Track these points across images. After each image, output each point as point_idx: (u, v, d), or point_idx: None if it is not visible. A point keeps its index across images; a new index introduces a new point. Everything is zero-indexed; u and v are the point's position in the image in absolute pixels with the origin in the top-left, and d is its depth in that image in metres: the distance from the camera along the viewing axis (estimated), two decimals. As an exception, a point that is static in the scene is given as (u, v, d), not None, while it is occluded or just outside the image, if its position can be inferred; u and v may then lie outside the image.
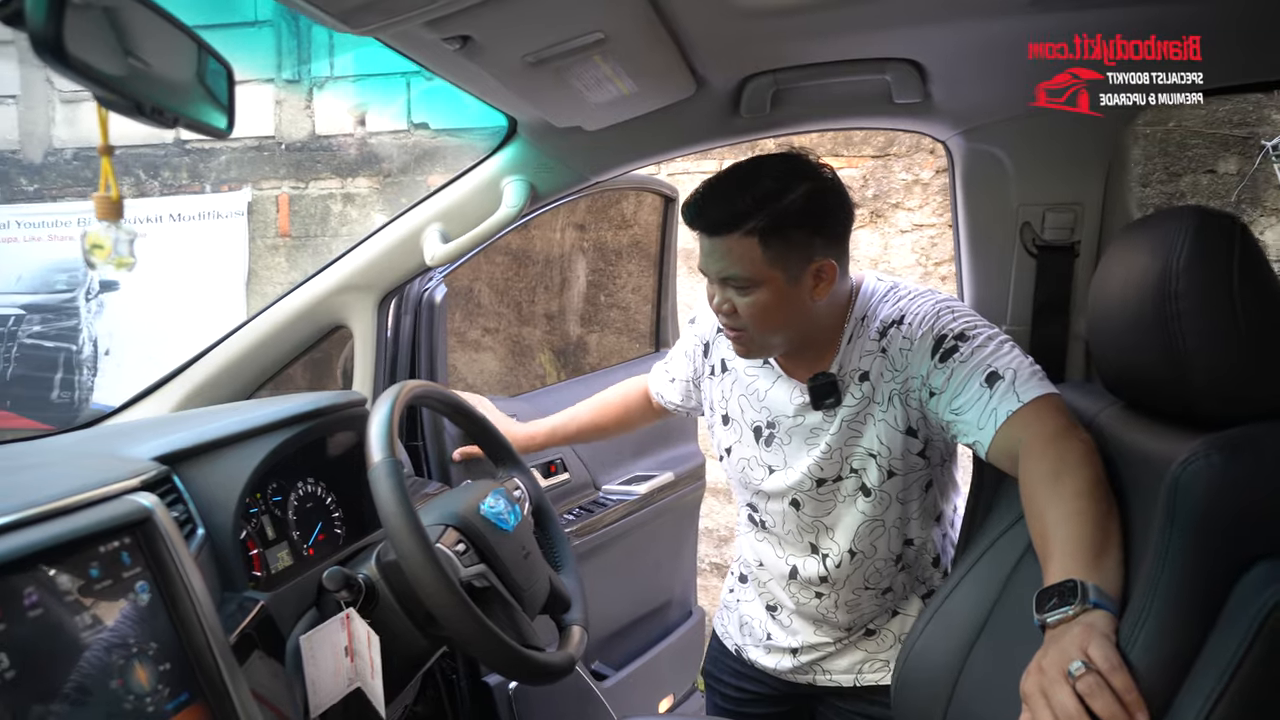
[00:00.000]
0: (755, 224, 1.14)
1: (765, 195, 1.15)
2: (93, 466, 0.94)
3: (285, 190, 4.00)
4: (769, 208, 1.14)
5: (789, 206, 1.15)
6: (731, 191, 1.17)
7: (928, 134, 1.42)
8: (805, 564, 1.34)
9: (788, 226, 1.15)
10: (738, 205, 1.15)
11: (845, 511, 1.29)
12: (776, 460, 1.32)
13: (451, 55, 1.01)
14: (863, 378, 1.24)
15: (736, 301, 1.19)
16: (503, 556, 1.06)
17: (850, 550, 1.30)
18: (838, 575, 1.32)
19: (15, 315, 4.29)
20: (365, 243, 1.55)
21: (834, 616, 1.36)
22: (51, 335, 4.26)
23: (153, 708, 0.79)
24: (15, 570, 0.73)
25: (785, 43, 1.18)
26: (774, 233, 1.15)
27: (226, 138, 0.82)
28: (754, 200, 1.15)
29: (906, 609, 1.38)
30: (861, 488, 1.27)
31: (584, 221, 3.62)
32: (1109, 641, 0.77)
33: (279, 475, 1.18)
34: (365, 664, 1.01)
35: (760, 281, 1.17)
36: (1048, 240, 1.33)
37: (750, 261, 1.16)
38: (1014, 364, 1.12)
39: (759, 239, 1.14)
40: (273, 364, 1.59)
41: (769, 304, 1.18)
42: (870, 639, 1.38)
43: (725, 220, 1.16)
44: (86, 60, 0.60)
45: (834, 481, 1.28)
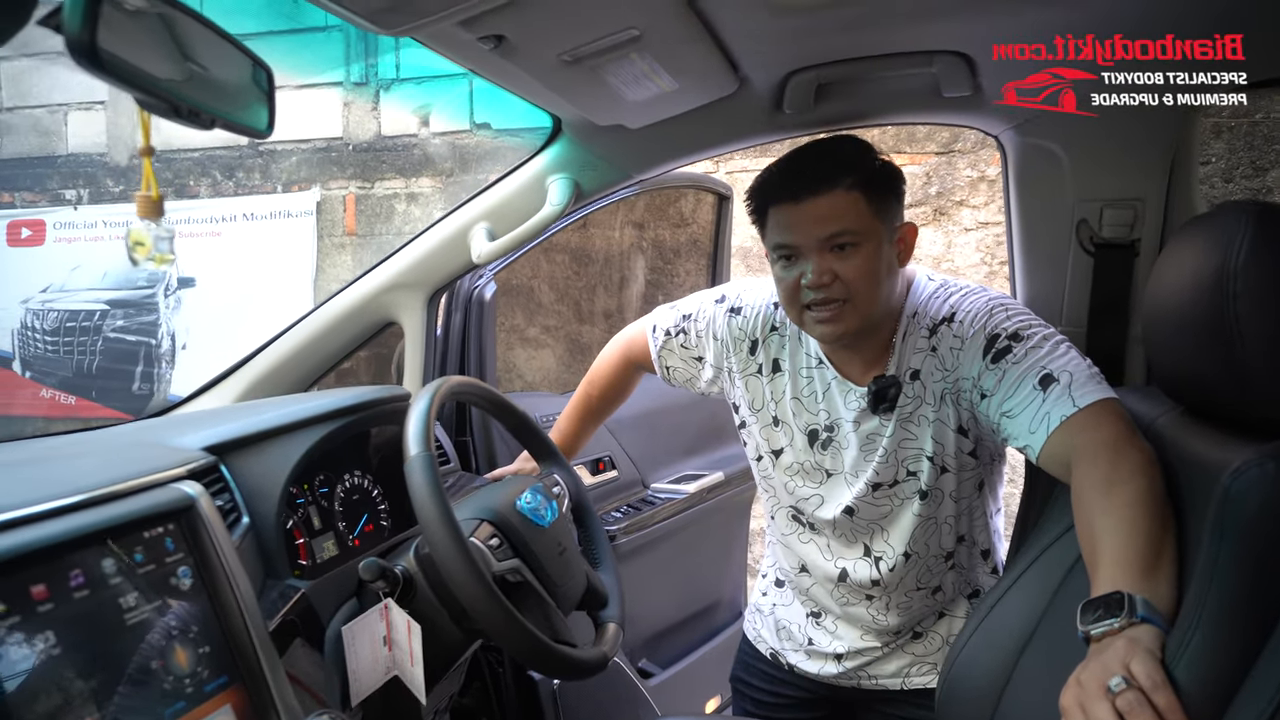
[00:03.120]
0: (857, 178, 1.13)
1: (857, 156, 1.16)
2: (143, 456, 0.98)
3: (352, 190, 4.11)
4: (865, 165, 1.15)
5: (882, 167, 1.17)
6: (816, 159, 1.16)
7: (979, 129, 1.38)
8: (856, 567, 1.31)
9: (882, 183, 1.16)
10: (835, 163, 1.14)
11: (901, 514, 1.26)
12: (834, 465, 1.29)
13: (488, 55, 1.02)
14: (914, 376, 1.21)
15: (839, 267, 1.14)
16: (537, 552, 1.07)
17: (905, 553, 1.27)
18: (890, 578, 1.29)
19: (101, 310, 4.50)
20: (415, 241, 1.58)
21: (883, 619, 1.33)
22: (133, 329, 4.46)
23: (191, 689, 0.82)
24: (63, 552, 0.76)
25: (827, 37, 1.16)
26: (874, 187, 1.14)
27: (266, 137, 0.84)
28: (850, 159, 1.15)
29: (954, 610, 1.34)
30: (919, 490, 1.24)
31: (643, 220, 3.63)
32: (1153, 658, 0.74)
33: (326, 467, 1.21)
34: (404, 653, 1.03)
35: (867, 236, 1.14)
36: (1106, 238, 1.28)
37: (858, 214, 1.13)
38: (1070, 366, 1.07)
39: (862, 192, 1.13)
40: (327, 359, 1.64)
41: (873, 262, 1.15)
42: (918, 641, 1.35)
43: (828, 175, 1.13)
44: (121, 64, 0.62)
45: (890, 486, 1.25)
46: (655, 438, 2.15)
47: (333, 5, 0.78)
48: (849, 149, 1.17)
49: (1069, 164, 1.28)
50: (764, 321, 1.34)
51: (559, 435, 1.59)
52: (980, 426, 1.19)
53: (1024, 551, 1.18)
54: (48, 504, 0.78)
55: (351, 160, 4.11)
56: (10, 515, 0.75)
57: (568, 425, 1.60)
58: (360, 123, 4.07)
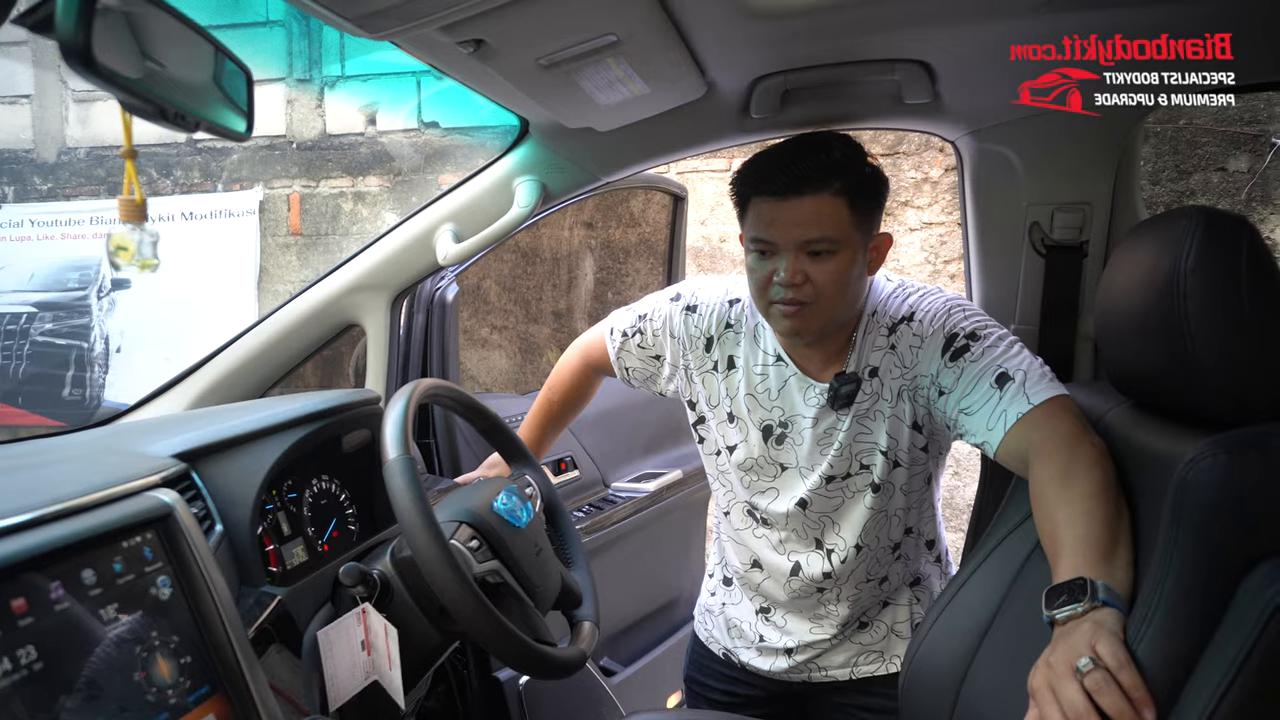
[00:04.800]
0: (844, 183, 1.13)
1: (848, 160, 1.15)
2: (114, 464, 0.95)
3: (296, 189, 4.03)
4: (855, 171, 1.14)
5: (870, 175, 1.17)
6: (807, 157, 1.14)
7: (937, 134, 1.43)
8: (809, 560, 1.33)
9: (868, 193, 1.16)
10: (825, 164, 1.13)
11: (853, 507, 1.29)
12: (788, 459, 1.31)
13: (465, 58, 1.02)
14: (873, 373, 1.24)
15: (812, 270, 1.14)
16: (515, 553, 1.08)
17: (857, 544, 1.30)
18: (842, 570, 1.32)
19: (28, 313, 4.33)
20: (378, 242, 1.56)
21: (833, 611, 1.36)
22: (63, 333, 4.30)
23: (175, 700, 0.80)
24: (41, 565, 0.74)
25: (796, 44, 1.19)
26: (859, 195, 1.14)
27: (246, 140, 0.83)
28: (840, 161, 1.14)
29: (897, 599, 1.39)
30: (871, 484, 1.27)
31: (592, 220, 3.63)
32: (1117, 639, 0.78)
33: (294, 472, 1.19)
34: (382, 657, 1.03)
35: (844, 245, 1.14)
36: (1056, 240, 1.34)
37: (839, 222, 1.13)
38: (1024, 365, 1.12)
39: (847, 200, 1.13)
40: (286, 362, 1.61)
41: (846, 271, 1.15)
42: (864, 631, 1.39)
43: (817, 176, 1.12)
44: (114, 67, 0.61)
45: (843, 479, 1.28)
46: (615, 437, 2.17)
47: (319, 9, 0.78)
48: (841, 152, 1.16)
49: (1022, 168, 1.34)
50: (719, 319, 1.35)
51: (538, 433, 1.61)
52: (934, 422, 1.23)
53: (982, 542, 1.23)
54: (24, 515, 0.76)
55: (296, 158, 4.03)
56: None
57: (530, 433, 1.60)
58: (304, 120, 3.99)
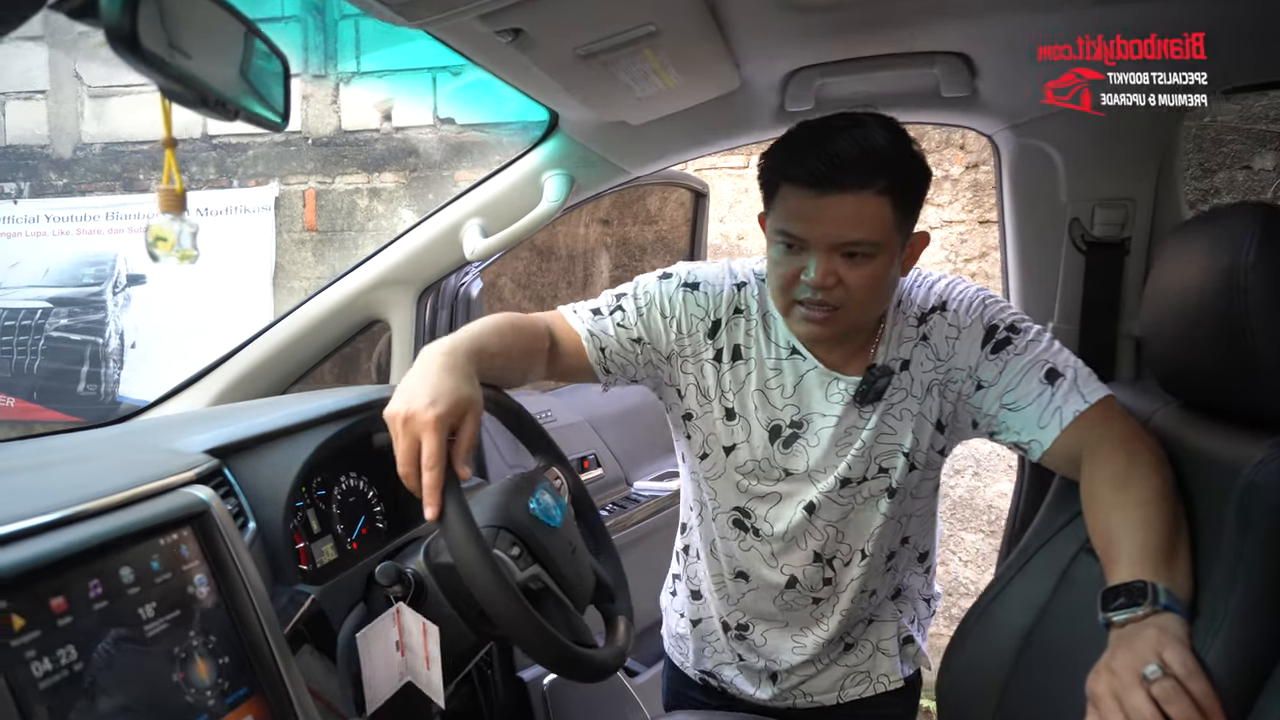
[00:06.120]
0: (889, 181, 1.01)
1: (894, 152, 1.03)
2: (146, 460, 0.94)
3: (312, 185, 4.02)
4: (901, 166, 1.03)
5: (915, 169, 1.06)
6: (850, 148, 1.01)
7: (974, 128, 1.40)
8: (806, 572, 1.22)
9: (912, 190, 1.06)
10: (870, 156, 1.01)
11: (865, 514, 1.19)
12: (797, 463, 1.19)
13: (501, 48, 1.00)
14: (903, 366, 1.15)
15: (845, 273, 1.04)
16: (553, 555, 1.05)
17: (862, 551, 1.21)
18: (842, 580, 1.22)
19: (43, 308, 4.33)
20: (404, 237, 1.55)
21: (821, 627, 1.26)
22: (78, 329, 4.30)
23: (213, 701, 0.79)
24: (80, 563, 0.73)
25: (833, 37, 1.17)
26: (903, 194, 1.04)
27: (281, 130, 0.82)
28: (885, 154, 1.01)
29: (881, 614, 1.29)
30: (887, 488, 1.18)
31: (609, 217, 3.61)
32: (1185, 646, 0.76)
33: (324, 469, 1.18)
34: (417, 657, 1.01)
35: (883, 248, 1.04)
36: (1097, 236, 1.31)
37: (881, 224, 1.02)
38: (1072, 362, 1.09)
39: (891, 200, 1.02)
40: (310, 358, 1.60)
41: (882, 275, 1.05)
42: (849, 653, 1.30)
43: (860, 171, 1.00)
44: (158, 52, 0.59)
45: (859, 483, 1.17)
46: (637, 435, 2.15)
47: (362, -4, 0.76)
48: (888, 145, 1.02)
49: (1062, 163, 1.31)
50: (728, 302, 1.20)
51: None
52: (959, 421, 1.16)
53: (1025, 544, 1.20)
54: (62, 511, 0.74)
55: (311, 154, 4.02)
56: (26, 524, 0.71)
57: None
58: (320, 116, 3.98)
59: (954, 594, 3.18)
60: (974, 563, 3.17)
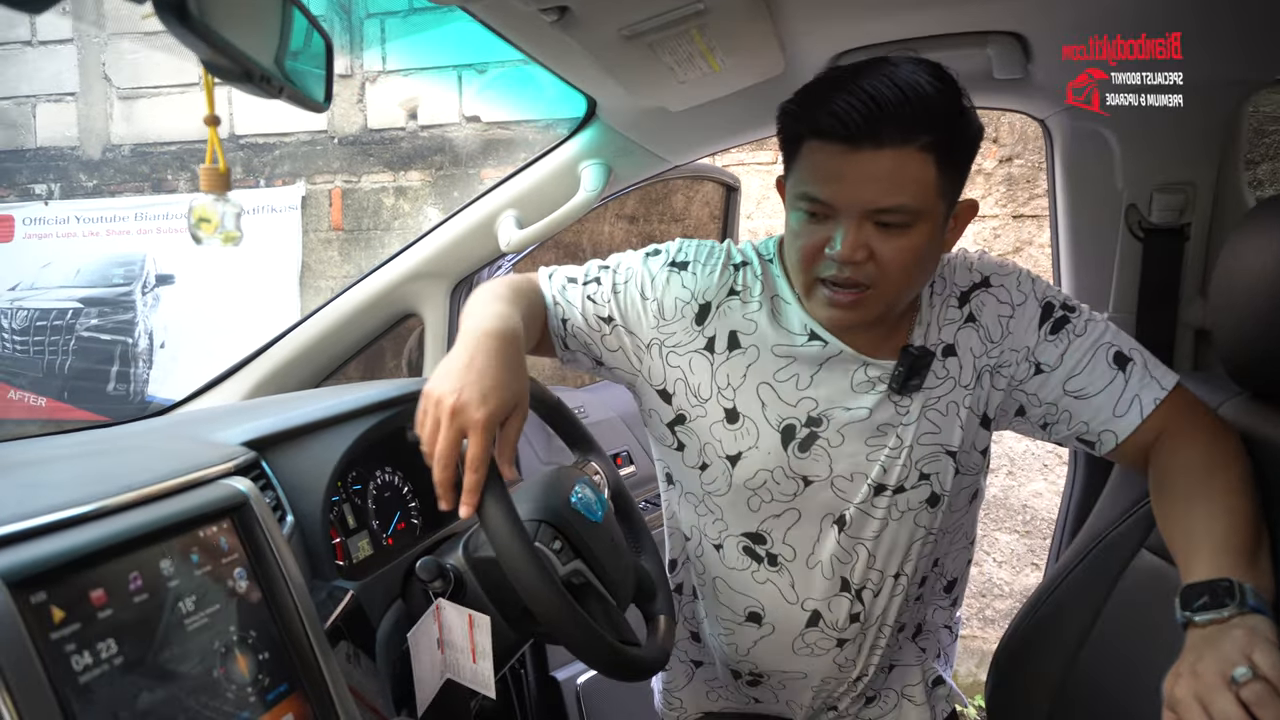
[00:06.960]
0: (936, 136, 0.86)
1: (942, 102, 0.87)
2: (183, 451, 0.92)
3: (338, 184, 4.02)
4: (949, 119, 0.88)
5: (965, 123, 0.90)
6: (891, 95, 0.85)
7: (1026, 112, 1.36)
8: (833, 605, 1.06)
9: (961, 148, 0.91)
10: (917, 108, 0.85)
11: (901, 529, 1.04)
12: (817, 469, 1.02)
13: (544, 28, 0.97)
14: (947, 352, 1.00)
15: (879, 245, 0.89)
16: (595, 550, 1.03)
17: (896, 574, 1.06)
18: (872, 614, 1.07)
19: (73, 309, 4.37)
20: (437, 230, 1.53)
21: (848, 669, 1.11)
22: (108, 328, 4.33)
23: (254, 698, 0.76)
24: (120, 554, 0.71)
25: (883, 17, 1.13)
26: (951, 152, 0.89)
27: (324, 110, 0.79)
28: (932, 102, 0.86)
29: (904, 657, 1.16)
30: (929, 498, 1.02)
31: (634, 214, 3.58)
32: (1276, 649, 0.72)
33: (360, 463, 1.16)
34: (459, 653, 0.99)
35: (923, 216, 0.89)
36: (1155, 223, 1.27)
37: (922, 187, 0.87)
38: (1136, 345, 1.01)
39: (935, 158, 0.87)
40: (343, 352, 1.58)
41: (920, 249, 0.90)
42: (871, 706, 1.17)
43: (903, 122, 0.85)
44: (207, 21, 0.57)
45: (896, 491, 1.02)
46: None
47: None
48: (935, 94, 0.86)
49: (1119, 147, 1.27)
50: (720, 283, 1.05)
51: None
52: (1007, 414, 1.04)
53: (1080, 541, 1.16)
54: (101, 501, 0.72)
55: (337, 154, 4.02)
56: (64, 514, 0.69)
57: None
58: (345, 115, 3.98)
59: (988, 595, 3.12)
60: (1008, 563, 3.11)
